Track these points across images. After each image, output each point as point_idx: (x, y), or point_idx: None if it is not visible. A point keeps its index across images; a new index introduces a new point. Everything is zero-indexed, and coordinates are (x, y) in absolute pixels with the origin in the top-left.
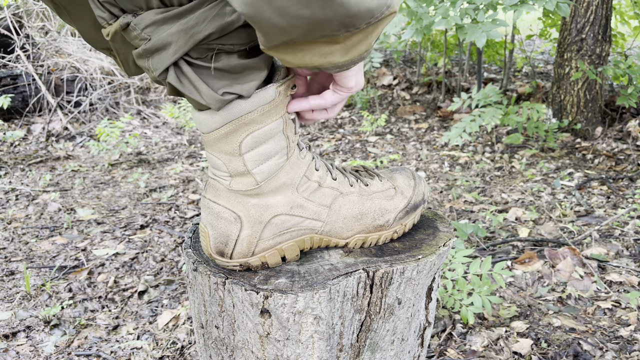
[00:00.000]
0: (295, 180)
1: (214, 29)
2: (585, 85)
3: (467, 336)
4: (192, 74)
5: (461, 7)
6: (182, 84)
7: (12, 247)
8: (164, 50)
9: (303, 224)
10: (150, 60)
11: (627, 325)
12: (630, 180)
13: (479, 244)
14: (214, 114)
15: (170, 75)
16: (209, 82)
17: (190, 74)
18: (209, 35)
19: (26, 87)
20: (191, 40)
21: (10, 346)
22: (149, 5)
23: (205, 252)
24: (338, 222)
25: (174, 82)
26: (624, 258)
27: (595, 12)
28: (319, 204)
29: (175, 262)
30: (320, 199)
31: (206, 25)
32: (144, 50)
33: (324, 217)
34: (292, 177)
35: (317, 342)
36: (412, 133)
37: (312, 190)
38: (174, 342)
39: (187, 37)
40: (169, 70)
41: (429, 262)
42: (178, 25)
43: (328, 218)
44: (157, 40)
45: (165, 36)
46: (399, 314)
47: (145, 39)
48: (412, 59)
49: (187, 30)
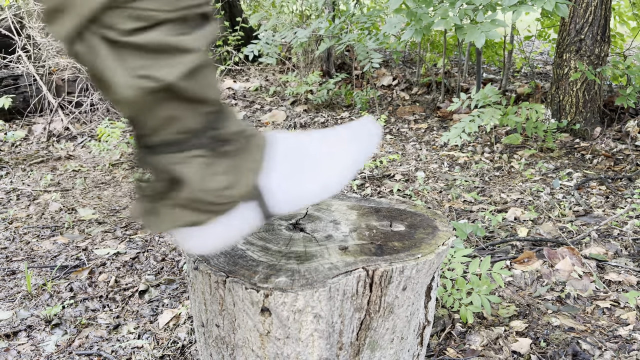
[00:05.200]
0: None
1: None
2: (584, 86)
3: (466, 335)
4: (102, 46)
5: (460, 8)
6: (94, 58)
7: (14, 247)
8: (64, 11)
9: None
10: (51, 28)
11: (625, 325)
12: (629, 180)
13: (478, 243)
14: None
15: (78, 46)
16: (122, 61)
17: (98, 45)
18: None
19: (27, 88)
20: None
21: (11, 345)
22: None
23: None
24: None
25: (83, 52)
26: (623, 258)
27: (594, 13)
28: None
29: (176, 262)
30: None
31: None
32: (45, 10)
33: None
34: None
35: (317, 340)
36: (412, 133)
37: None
38: (174, 341)
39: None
40: (75, 42)
41: (428, 261)
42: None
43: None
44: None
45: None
46: (398, 313)
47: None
48: (412, 60)
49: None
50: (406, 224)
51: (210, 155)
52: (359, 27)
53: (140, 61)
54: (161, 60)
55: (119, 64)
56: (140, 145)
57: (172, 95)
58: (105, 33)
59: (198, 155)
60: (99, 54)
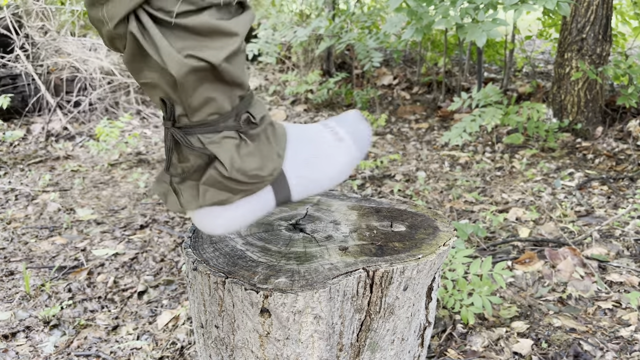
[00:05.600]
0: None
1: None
2: (585, 85)
3: (467, 336)
4: (153, 26)
5: (461, 7)
6: (145, 38)
7: (12, 247)
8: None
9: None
10: (105, 8)
11: (627, 326)
12: (631, 180)
13: (480, 244)
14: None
15: (132, 25)
16: (171, 40)
17: (150, 25)
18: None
19: (26, 87)
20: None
21: (9, 346)
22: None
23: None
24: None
25: (136, 32)
26: (625, 258)
27: (595, 12)
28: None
29: (175, 262)
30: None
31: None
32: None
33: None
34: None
35: (317, 341)
36: (412, 133)
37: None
38: (173, 342)
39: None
40: (130, 19)
41: (428, 262)
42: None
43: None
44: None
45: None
46: (399, 314)
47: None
48: (412, 59)
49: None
50: (407, 225)
51: (241, 138)
52: (359, 26)
53: (188, 42)
54: (207, 42)
55: (168, 43)
56: (176, 126)
57: (213, 76)
58: (155, 14)
59: (230, 136)
60: (149, 33)
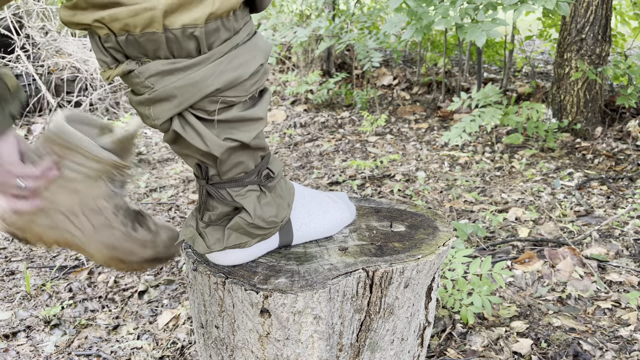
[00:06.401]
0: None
1: (221, 84)
2: (585, 85)
3: (467, 336)
4: (196, 122)
5: (461, 7)
6: (186, 132)
7: (12, 247)
8: (167, 101)
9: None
10: (152, 109)
11: (627, 325)
12: (630, 180)
13: (479, 243)
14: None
15: (175, 124)
16: (211, 130)
17: (194, 122)
18: (216, 89)
19: (26, 87)
20: (198, 94)
21: (10, 346)
22: (156, 54)
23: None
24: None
25: (178, 129)
26: (624, 258)
27: (595, 12)
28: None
29: (175, 262)
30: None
31: (214, 80)
32: (147, 99)
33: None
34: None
35: (317, 341)
36: (412, 133)
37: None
38: (174, 342)
39: (194, 90)
40: (174, 119)
41: (428, 262)
42: (184, 78)
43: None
44: (162, 91)
45: (170, 88)
46: (398, 314)
47: (149, 88)
48: (412, 59)
49: (194, 84)
50: (406, 225)
51: (261, 190)
52: (359, 27)
53: (224, 130)
54: (240, 127)
55: (209, 132)
56: (209, 183)
57: (244, 149)
58: (196, 113)
59: (253, 189)
60: (193, 126)
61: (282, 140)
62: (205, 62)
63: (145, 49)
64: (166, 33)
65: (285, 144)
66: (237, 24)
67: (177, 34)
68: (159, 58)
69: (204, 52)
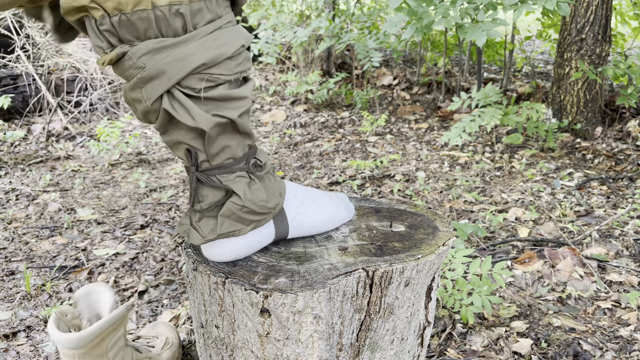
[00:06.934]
0: None
1: (206, 59)
2: (585, 85)
3: (467, 336)
4: (185, 98)
5: (461, 7)
6: (175, 109)
7: (13, 247)
8: (157, 78)
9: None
10: (143, 90)
11: (627, 325)
12: (630, 180)
13: (479, 243)
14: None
15: (165, 102)
16: (199, 106)
17: (183, 98)
18: (202, 64)
19: (26, 87)
20: (185, 68)
21: (10, 346)
22: (147, 35)
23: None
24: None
25: (168, 107)
26: (624, 258)
27: (595, 12)
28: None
29: (176, 262)
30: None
31: (200, 55)
32: (139, 79)
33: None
34: None
35: (317, 341)
36: (412, 133)
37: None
38: None
39: (181, 65)
40: (163, 97)
41: (428, 262)
42: (172, 54)
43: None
44: (153, 68)
45: (160, 65)
46: (398, 314)
47: (141, 68)
48: (412, 59)
49: (181, 59)
50: (406, 225)
51: (250, 177)
52: (359, 27)
53: (211, 106)
54: (226, 105)
55: (197, 107)
56: (199, 170)
57: (231, 128)
58: (185, 91)
59: (242, 176)
60: (181, 103)
61: (282, 140)
62: (191, 40)
63: (137, 29)
64: (155, 10)
65: (285, 144)
66: (219, 9)
67: (164, 11)
68: (149, 38)
69: (190, 30)
